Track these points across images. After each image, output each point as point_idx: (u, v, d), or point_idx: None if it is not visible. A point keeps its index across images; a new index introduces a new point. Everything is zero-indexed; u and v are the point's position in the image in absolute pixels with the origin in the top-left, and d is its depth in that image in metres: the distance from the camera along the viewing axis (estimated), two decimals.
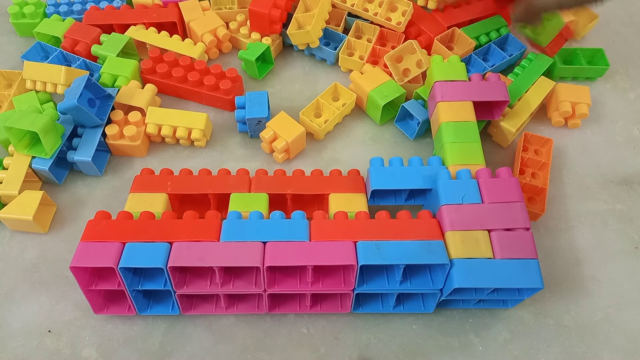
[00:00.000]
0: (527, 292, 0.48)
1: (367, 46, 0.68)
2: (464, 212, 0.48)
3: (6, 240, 0.56)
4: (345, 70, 0.71)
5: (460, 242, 0.46)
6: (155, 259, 0.45)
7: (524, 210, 0.48)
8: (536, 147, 0.62)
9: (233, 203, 0.52)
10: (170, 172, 0.56)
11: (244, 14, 0.73)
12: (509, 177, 0.50)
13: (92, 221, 0.48)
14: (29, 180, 0.58)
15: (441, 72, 0.59)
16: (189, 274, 0.48)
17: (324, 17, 0.69)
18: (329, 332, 0.50)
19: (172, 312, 0.50)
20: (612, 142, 0.66)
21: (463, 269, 0.45)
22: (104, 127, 0.59)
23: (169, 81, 0.66)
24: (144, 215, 0.49)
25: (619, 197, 0.60)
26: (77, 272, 0.45)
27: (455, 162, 0.53)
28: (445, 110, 0.56)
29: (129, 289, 0.46)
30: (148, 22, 0.71)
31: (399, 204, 0.55)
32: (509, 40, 0.71)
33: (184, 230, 0.47)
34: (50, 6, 0.74)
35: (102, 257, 0.45)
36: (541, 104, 0.65)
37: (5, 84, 0.66)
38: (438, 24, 0.71)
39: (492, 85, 0.59)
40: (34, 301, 0.52)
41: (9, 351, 0.49)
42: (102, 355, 0.49)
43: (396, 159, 0.54)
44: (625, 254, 0.56)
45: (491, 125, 0.63)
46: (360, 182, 0.55)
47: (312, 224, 0.48)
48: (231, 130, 0.66)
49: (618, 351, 0.50)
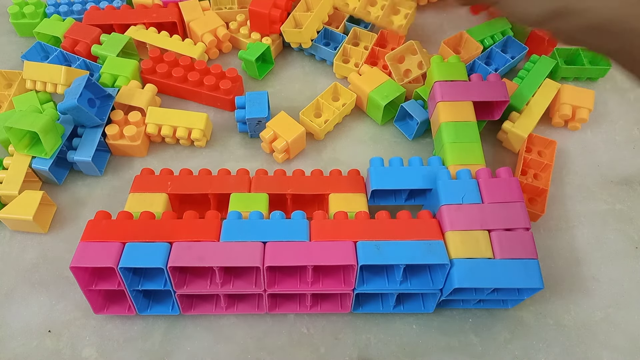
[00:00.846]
0: (527, 292, 0.48)
1: (363, 53, 0.68)
2: (464, 212, 0.48)
3: (6, 240, 0.56)
4: (340, 77, 0.70)
5: (460, 242, 0.46)
6: (155, 259, 0.45)
7: (524, 210, 0.48)
8: (540, 149, 0.62)
9: (233, 203, 0.52)
10: (170, 172, 0.56)
11: (244, 14, 0.73)
12: (509, 177, 0.50)
13: (92, 221, 0.48)
14: (29, 180, 0.58)
15: (441, 72, 0.59)
16: (189, 274, 0.48)
17: (322, 19, 0.69)
18: (329, 332, 0.50)
19: (172, 312, 0.50)
20: (612, 142, 0.65)
21: (463, 269, 0.45)
22: (104, 127, 0.59)
23: (169, 81, 0.66)
24: (144, 215, 0.49)
25: (619, 197, 0.60)
26: (77, 272, 0.45)
27: (455, 162, 0.53)
28: (445, 110, 0.56)
29: (129, 289, 0.46)
30: (148, 22, 0.71)
31: (399, 204, 0.55)
32: (510, 43, 0.71)
33: (184, 230, 0.47)
34: (50, 6, 0.74)
35: (102, 257, 0.45)
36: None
37: (5, 84, 0.66)
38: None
39: (492, 85, 0.59)
40: (34, 301, 0.52)
41: (9, 351, 0.49)
42: (102, 355, 0.49)
43: (396, 159, 0.54)
44: (625, 254, 0.56)
45: (501, 131, 0.63)
46: (360, 182, 0.55)
47: (312, 224, 0.48)
48: (231, 130, 0.66)
49: (618, 351, 0.50)
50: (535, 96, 0.64)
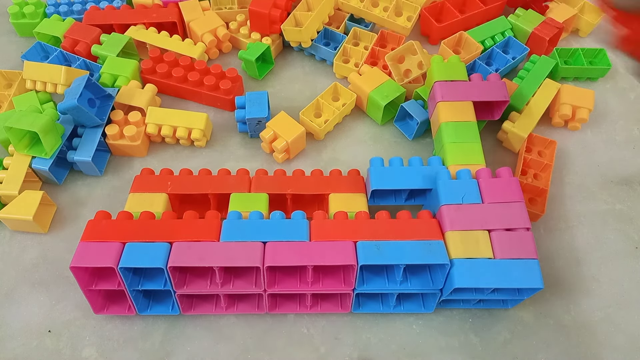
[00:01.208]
0: (527, 292, 0.48)
1: (363, 53, 0.68)
2: (464, 212, 0.48)
3: (6, 240, 0.56)
4: (340, 77, 0.71)
5: (460, 242, 0.46)
6: (155, 259, 0.45)
7: (524, 210, 0.48)
8: (540, 149, 0.62)
9: (233, 203, 0.52)
10: (171, 172, 0.56)
11: (244, 14, 0.73)
12: (509, 177, 0.50)
13: (92, 221, 0.48)
14: (29, 180, 0.58)
15: (441, 72, 0.59)
16: (189, 273, 0.48)
17: (322, 19, 0.69)
18: (329, 332, 0.50)
19: (172, 312, 0.50)
20: (612, 142, 0.65)
21: (463, 269, 0.45)
22: (104, 127, 0.59)
23: (169, 81, 0.66)
24: (144, 215, 0.49)
25: (619, 197, 0.60)
26: (77, 272, 0.45)
27: (455, 162, 0.53)
28: (445, 110, 0.56)
29: (129, 289, 0.46)
30: (148, 22, 0.71)
31: (399, 204, 0.56)
32: (511, 43, 0.71)
33: (184, 230, 0.47)
34: (50, 6, 0.74)
35: (102, 257, 0.45)
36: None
37: (5, 84, 0.66)
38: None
39: (492, 85, 0.59)
40: (34, 301, 0.52)
41: (9, 351, 0.49)
42: (102, 355, 0.49)
43: (396, 159, 0.54)
44: (625, 254, 0.56)
45: (501, 131, 0.63)
46: (360, 182, 0.55)
47: (312, 224, 0.48)
48: (231, 130, 0.66)
49: (618, 351, 0.50)
50: (535, 96, 0.64)
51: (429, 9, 0.72)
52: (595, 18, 0.75)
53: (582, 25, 0.76)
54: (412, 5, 0.71)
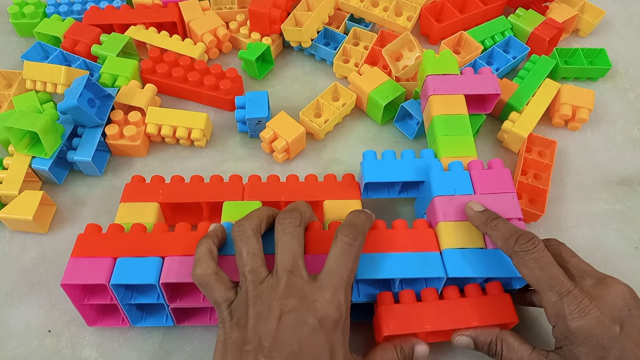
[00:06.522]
0: (519, 282, 0.48)
1: (363, 53, 0.68)
2: (456, 203, 0.48)
3: (6, 240, 0.56)
4: (340, 77, 0.71)
5: (453, 232, 0.46)
6: (147, 275, 0.44)
7: (516, 201, 0.48)
8: (540, 149, 0.62)
9: (226, 212, 0.51)
10: (162, 179, 0.55)
11: (244, 14, 0.73)
12: (501, 169, 0.50)
13: (82, 235, 0.47)
14: (29, 180, 0.58)
15: (433, 66, 0.59)
16: (182, 287, 0.47)
17: (322, 19, 0.69)
18: None
19: (166, 323, 0.49)
20: (612, 142, 0.66)
21: (455, 259, 0.45)
22: (104, 127, 0.59)
23: (169, 81, 0.66)
24: (135, 229, 0.48)
25: (619, 197, 0.60)
26: (69, 288, 0.44)
27: (447, 154, 0.53)
28: (437, 103, 0.56)
29: (122, 303, 0.46)
30: (148, 22, 0.71)
31: (392, 196, 0.55)
32: (512, 43, 0.71)
33: (176, 244, 0.46)
34: (50, 6, 0.74)
35: (93, 274, 0.44)
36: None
37: (5, 84, 0.66)
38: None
39: (483, 79, 0.59)
40: (34, 301, 0.52)
41: (8, 351, 0.49)
42: (102, 355, 0.49)
43: (389, 152, 0.54)
44: (625, 254, 0.56)
45: (501, 131, 0.63)
46: (355, 188, 0.54)
47: (307, 235, 0.47)
48: (231, 130, 0.66)
49: None
50: (535, 96, 0.64)
51: (429, 9, 0.72)
52: (595, 18, 0.75)
53: (582, 25, 0.76)
54: (412, 5, 0.71)
